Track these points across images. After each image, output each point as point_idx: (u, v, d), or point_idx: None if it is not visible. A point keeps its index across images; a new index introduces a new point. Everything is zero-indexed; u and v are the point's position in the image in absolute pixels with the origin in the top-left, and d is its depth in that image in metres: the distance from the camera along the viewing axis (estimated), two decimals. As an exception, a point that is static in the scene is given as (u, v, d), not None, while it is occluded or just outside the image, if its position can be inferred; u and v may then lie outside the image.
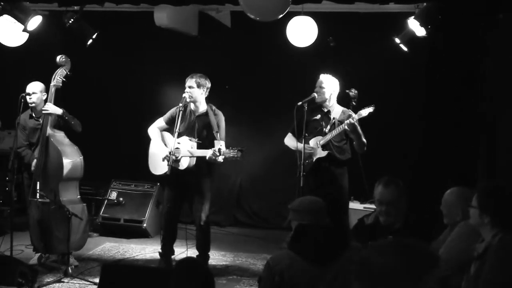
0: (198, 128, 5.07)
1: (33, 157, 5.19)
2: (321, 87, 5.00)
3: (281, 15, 4.64)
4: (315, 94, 4.98)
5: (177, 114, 4.94)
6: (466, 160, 6.09)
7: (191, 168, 4.95)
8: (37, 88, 5.25)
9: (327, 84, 5.01)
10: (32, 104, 5.25)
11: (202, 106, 5.12)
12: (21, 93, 5.18)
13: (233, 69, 7.05)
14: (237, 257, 5.75)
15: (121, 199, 6.58)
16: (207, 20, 6.82)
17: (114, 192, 6.66)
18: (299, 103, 4.85)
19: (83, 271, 5.00)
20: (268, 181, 7.12)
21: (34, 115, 5.32)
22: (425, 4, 4.86)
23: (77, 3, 5.13)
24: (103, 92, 7.12)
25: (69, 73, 5.17)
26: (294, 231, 2.96)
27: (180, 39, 6.80)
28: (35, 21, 4.79)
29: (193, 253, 5.28)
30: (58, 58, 5.16)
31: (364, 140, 4.87)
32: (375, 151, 5.09)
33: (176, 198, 5.17)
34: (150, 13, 6.26)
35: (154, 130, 5.22)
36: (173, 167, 4.84)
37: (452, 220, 3.34)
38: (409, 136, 6.45)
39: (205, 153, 4.82)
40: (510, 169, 5.16)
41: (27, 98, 5.20)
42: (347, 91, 5.11)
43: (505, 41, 5.27)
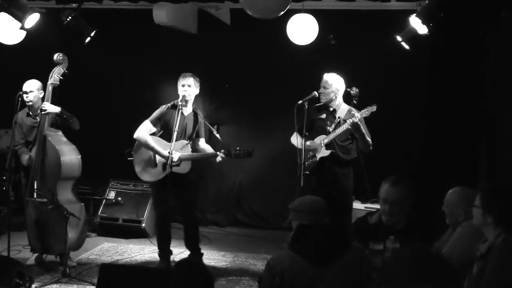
0: (189, 129, 5.04)
1: (26, 152, 5.15)
2: (325, 88, 4.98)
3: (282, 13, 4.59)
4: (316, 93, 4.96)
5: (177, 114, 4.89)
6: (468, 159, 6.08)
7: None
8: (34, 86, 5.21)
9: (331, 84, 4.97)
10: (29, 103, 5.20)
11: (190, 106, 5.09)
12: (18, 92, 5.14)
13: (233, 68, 7.01)
14: (237, 257, 5.72)
15: (120, 199, 6.54)
16: (207, 18, 6.79)
17: (113, 192, 6.62)
18: (299, 102, 4.83)
19: (81, 272, 4.97)
20: (268, 181, 7.08)
21: (31, 113, 5.28)
22: (427, 2, 4.82)
23: (75, 1, 5.10)
24: (101, 91, 7.07)
25: (67, 71, 5.14)
26: (295, 231, 2.96)
27: (179, 37, 6.77)
28: (33, 19, 4.75)
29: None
30: (56, 56, 5.13)
31: (369, 139, 4.85)
32: (377, 150, 5.05)
33: (167, 199, 5.08)
34: (149, 11, 6.23)
35: (145, 135, 4.99)
36: (173, 171, 4.80)
37: (455, 220, 3.33)
38: (411, 135, 6.42)
39: (209, 155, 4.86)
40: (511, 169, 5.13)
41: (24, 97, 5.15)
42: (348, 90, 5.08)
43: (506, 41, 5.25)
